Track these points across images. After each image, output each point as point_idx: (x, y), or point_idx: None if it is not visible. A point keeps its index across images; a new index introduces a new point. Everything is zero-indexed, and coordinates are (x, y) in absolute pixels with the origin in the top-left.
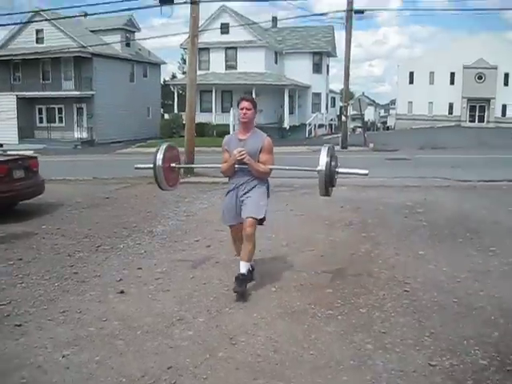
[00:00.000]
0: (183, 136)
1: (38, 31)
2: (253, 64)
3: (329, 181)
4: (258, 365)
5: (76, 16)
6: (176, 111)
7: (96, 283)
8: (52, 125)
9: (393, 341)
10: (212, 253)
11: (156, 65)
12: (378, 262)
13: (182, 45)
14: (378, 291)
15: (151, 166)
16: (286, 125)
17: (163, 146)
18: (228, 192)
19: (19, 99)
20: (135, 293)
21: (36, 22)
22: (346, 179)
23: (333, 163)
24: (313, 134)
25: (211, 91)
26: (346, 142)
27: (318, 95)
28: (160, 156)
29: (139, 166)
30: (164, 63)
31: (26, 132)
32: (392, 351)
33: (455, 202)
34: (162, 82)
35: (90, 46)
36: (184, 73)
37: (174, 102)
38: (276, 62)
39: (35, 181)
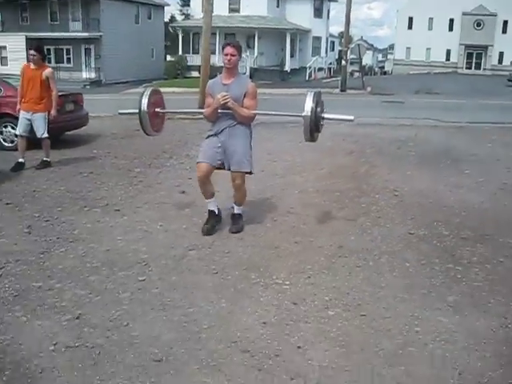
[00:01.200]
0: (187, 77)
1: None
2: (255, 7)
3: (314, 126)
4: (296, 230)
5: None
6: (180, 53)
7: (160, 188)
8: (60, 65)
9: (384, 221)
10: None
11: (160, 6)
12: (374, 177)
13: None
14: (374, 194)
15: (136, 111)
16: (287, 68)
17: (148, 91)
18: (209, 136)
19: (28, 39)
20: (193, 192)
21: None
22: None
23: (318, 109)
24: (312, 77)
25: (215, 33)
26: (345, 85)
27: (318, 39)
28: (145, 101)
29: (123, 111)
30: (167, 5)
31: None
32: (384, 227)
33: (442, 139)
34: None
35: None
36: (184, 14)
37: (178, 43)
38: (278, 6)
39: (81, 113)
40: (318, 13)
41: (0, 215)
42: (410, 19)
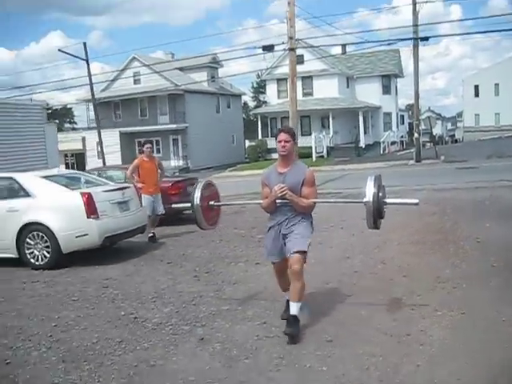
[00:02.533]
0: (268, 159)
1: (135, 73)
2: (327, 90)
3: (377, 212)
4: None
5: (167, 61)
6: (260, 137)
7: None
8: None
9: (470, 259)
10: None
11: (237, 96)
12: (457, 230)
13: (260, 77)
14: (459, 242)
15: (189, 205)
16: (362, 144)
17: (201, 184)
18: (269, 228)
19: (121, 134)
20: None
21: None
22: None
23: (380, 194)
24: (386, 151)
25: None
26: (419, 156)
27: (388, 114)
28: (198, 194)
29: (177, 205)
30: (244, 94)
31: (128, 163)
32: (471, 263)
33: None
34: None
35: (183, 85)
36: (256, 100)
37: (257, 128)
38: (348, 87)
39: None
40: (386, 90)
41: (167, 271)
42: (476, 87)
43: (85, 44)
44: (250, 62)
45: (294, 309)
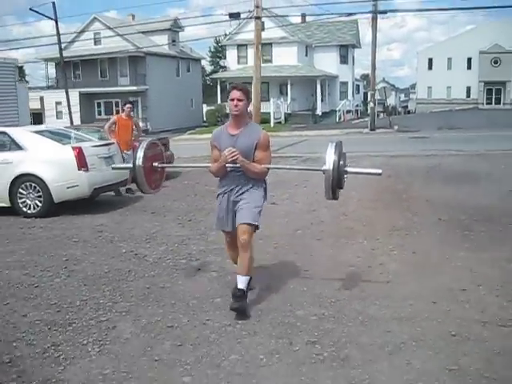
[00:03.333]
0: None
1: (95, 34)
2: (286, 58)
3: (336, 182)
4: None
5: (129, 24)
6: (219, 102)
7: None
8: (110, 116)
9: (420, 214)
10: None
11: (197, 60)
12: (410, 191)
13: (218, 42)
14: (411, 201)
15: (130, 165)
16: (319, 111)
17: (144, 143)
18: (218, 195)
19: (81, 95)
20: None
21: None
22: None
23: (341, 162)
24: (342, 119)
25: (250, 83)
26: (373, 125)
27: (344, 84)
28: (140, 154)
29: (117, 165)
30: (204, 58)
31: (87, 123)
32: (420, 217)
33: (462, 164)
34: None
35: (144, 47)
36: (217, 66)
37: (216, 93)
38: (306, 55)
39: (169, 153)
40: (343, 59)
41: (152, 219)
42: (430, 60)
43: (54, 4)
44: (208, 27)
45: (242, 283)
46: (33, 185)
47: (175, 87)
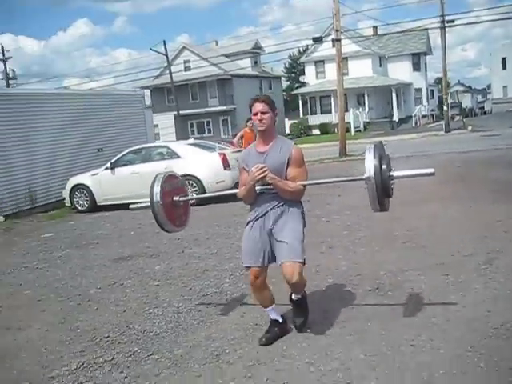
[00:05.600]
0: (310, 135)
1: (185, 61)
2: (361, 70)
3: (382, 190)
4: None
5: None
6: (301, 115)
7: None
8: (203, 135)
9: (477, 189)
10: None
11: (278, 78)
12: (475, 175)
13: (294, 59)
14: (473, 180)
15: (148, 203)
16: (396, 118)
17: (160, 176)
18: (248, 222)
19: (175, 117)
20: None
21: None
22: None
23: (383, 166)
24: (418, 124)
25: (329, 96)
26: (448, 127)
27: (418, 90)
28: (157, 189)
29: (133, 206)
30: (284, 76)
31: None
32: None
33: None
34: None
35: (230, 70)
36: (292, 81)
37: (298, 107)
38: (380, 66)
39: None
40: (416, 67)
41: None
42: (504, 60)
43: (164, 42)
44: (284, 45)
45: (299, 296)
46: (191, 182)
47: None
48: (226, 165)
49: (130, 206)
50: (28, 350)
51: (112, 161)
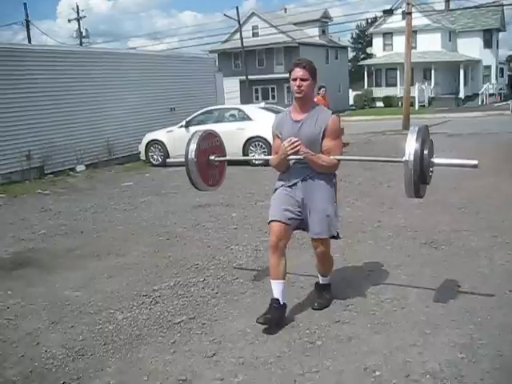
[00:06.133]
0: (372, 107)
1: (253, 27)
2: (430, 44)
3: (419, 176)
4: None
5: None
6: (365, 87)
7: None
8: (266, 101)
9: None
10: None
11: (344, 48)
12: None
13: (366, 30)
14: None
15: (183, 160)
16: (461, 95)
17: (197, 134)
18: (275, 190)
19: (240, 82)
20: None
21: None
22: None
23: (425, 152)
24: (485, 102)
25: (396, 69)
26: None
27: (488, 67)
28: (193, 147)
29: (171, 160)
30: (350, 46)
31: None
32: None
33: None
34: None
35: (298, 39)
36: (359, 52)
37: (363, 79)
38: (450, 41)
39: None
40: (487, 43)
41: None
42: None
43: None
44: (351, 15)
45: (326, 279)
46: (260, 143)
47: (324, 74)
48: None
49: (167, 160)
50: (130, 270)
51: (187, 119)
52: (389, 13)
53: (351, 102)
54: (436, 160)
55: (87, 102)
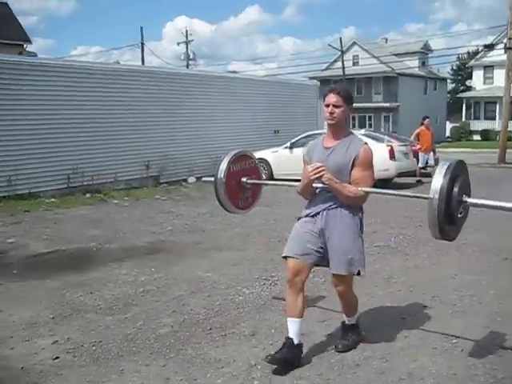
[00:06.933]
0: (469, 140)
1: (354, 56)
2: None
3: (444, 215)
4: None
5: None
6: (463, 119)
7: None
8: (364, 129)
9: None
10: None
11: (443, 80)
12: None
13: (463, 61)
14: None
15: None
16: None
17: (230, 154)
18: (299, 218)
19: None
20: None
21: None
22: None
23: (455, 189)
24: None
25: (495, 102)
26: None
27: None
28: (223, 167)
29: (206, 179)
30: (450, 79)
31: None
32: None
33: None
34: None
35: (397, 69)
36: (459, 84)
37: (461, 111)
38: None
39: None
40: None
41: None
42: None
43: (340, 39)
44: (452, 48)
45: (353, 319)
46: None
47: (423, 104)
48: (391, 155)
49: (203, 179)
50: (250, 261)
51: (291, 141)
52: (490, 47)
53: (448, 133)
54: (470, 199)
55: (199, 121)
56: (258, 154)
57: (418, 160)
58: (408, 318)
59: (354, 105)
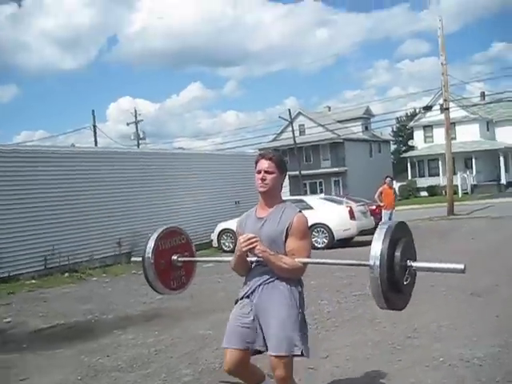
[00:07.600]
0: (418, 196)
1: (300, 126)
2: (469, 134)
3: (388, 284)
4: None
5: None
6: (409, 177)
7: None
8: (314, 195)
9: None
10: None
11: (386, 142)
12: None
13: (406, 126)
14: None
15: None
16: (503, 181)
17: (157, 231)
18: (237, 300)
19: (290, 177)
20: None
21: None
22: None
23: (396, 253)
24: None
25: (438, 159)
26: None
27: None
28: (150, 244)
29: (134, 259)
30: (392, 140)
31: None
32: None
33: None
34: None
35: (343, 135)
36: (401, 145)
37: (407, 170)
38: (488, 130)
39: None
40: None
41: None
42: None
43: (289, 110)
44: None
45: None
46: (322, 230)
47: (369, 166)
48: (351, 215)
49: (132, 259)
50: None
51: None
52: (428, 109)
53: (396, 192)
54: (415, 264)
55: (162, 197)
56: (223, 225)
57: (381, 218)
58: (398, 347)
59: (305, 172)
